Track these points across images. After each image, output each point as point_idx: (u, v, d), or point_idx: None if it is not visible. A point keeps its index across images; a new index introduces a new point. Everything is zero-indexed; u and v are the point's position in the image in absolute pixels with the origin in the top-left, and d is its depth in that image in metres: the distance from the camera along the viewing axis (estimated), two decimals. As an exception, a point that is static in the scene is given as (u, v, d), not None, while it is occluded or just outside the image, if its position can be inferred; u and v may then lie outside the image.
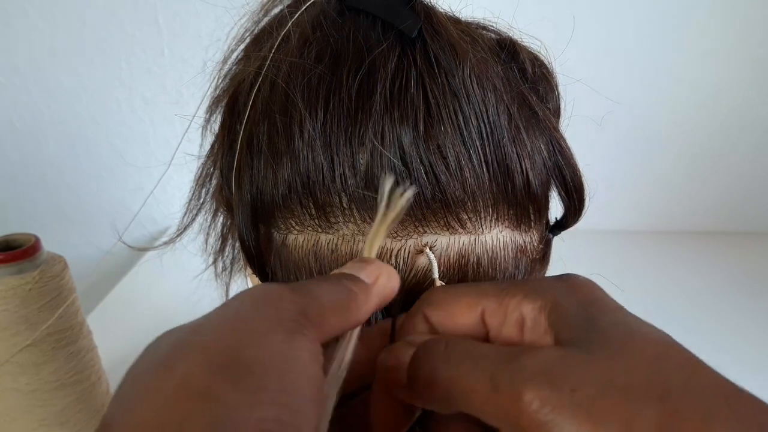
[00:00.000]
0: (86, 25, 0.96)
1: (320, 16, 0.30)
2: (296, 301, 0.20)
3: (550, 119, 0.31)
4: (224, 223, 0.38)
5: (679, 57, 1.01)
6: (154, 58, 0.99)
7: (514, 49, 0.32)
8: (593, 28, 0.95)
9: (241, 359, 0.17)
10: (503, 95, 0.29)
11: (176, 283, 0.74)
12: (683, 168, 1.09)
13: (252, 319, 0.19)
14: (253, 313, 0.19)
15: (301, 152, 0.27)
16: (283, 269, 0.30)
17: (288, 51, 0.29)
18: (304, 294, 0.20)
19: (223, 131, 0.33)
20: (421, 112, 0.26)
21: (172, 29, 0.97)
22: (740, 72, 1.02)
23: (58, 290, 0.55)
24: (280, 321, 0.19)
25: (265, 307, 0.19)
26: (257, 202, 0.29)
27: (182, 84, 0.98)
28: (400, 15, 0.28)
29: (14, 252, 0.53)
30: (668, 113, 1.05)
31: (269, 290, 0.20)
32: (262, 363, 0.17)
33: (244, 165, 0.29)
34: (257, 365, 0.17)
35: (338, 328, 0.21)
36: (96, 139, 1.04)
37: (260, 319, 0.19)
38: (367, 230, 0.28)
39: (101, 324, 0.67)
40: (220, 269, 0.40)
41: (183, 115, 0.37)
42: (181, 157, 0.39)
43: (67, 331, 0.56)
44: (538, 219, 0.30)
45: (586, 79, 0.40)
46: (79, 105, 1.01)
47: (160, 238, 1.09)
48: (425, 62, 0.27)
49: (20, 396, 0.55)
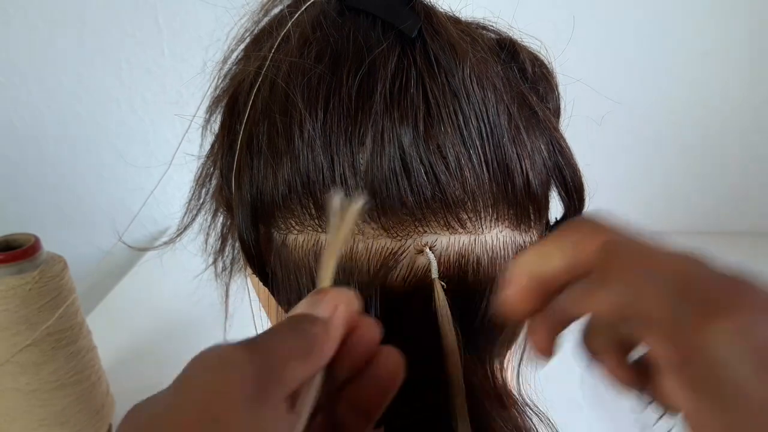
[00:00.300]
0: (86, 25, 0.96)
1: (320, 16, 0.30)
2: (254, 363, 0.19)
3: (550, 119, 0.31)
4: (224, 223, 0.38)
5: (679, 57, 1.01)
6: (154, 58, 0.99)
7: (514, 48, 0.32)
8: (593, 28, 0.95)
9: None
10: (503, 95, 0.29)
11: (176, 283, 0.74)
12: (683, 168, 1.09)
13: (211, 400, 0.18)
14: (212, 393, 0.18)
15: (301, 152, 0.27)
16: (283, 269, 0.30)
17: (288, 51, 0.29)
18: (261, 352, 0.19)
19: (223, 131, 0.32)
20: (421, 112, 0.26)
21: (172, 29, 0.97)
22: (740, 72, 1.02)
23: (58, 290, 0.55)
24: (238, 394, 0.18)
25: (222, 380, 0.18)
26: (257, 202, 0.29)
27: (182, 84, 0.98)
28: (400, 15, 0.28)
29: (14, 252, 0.53)
30: (668, 113, 1.05)
31: (223, 358, 0.19)
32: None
33: (244, 165, 0.29)
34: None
35: (306, 374, 0.21)
36: (96, 139, 1.04)
37: (219, 398, 0.18)
38: (367, 230, 0.28)
39: (101, 324, 0.67)
40: (220, 269, 0.40)
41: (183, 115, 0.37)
42: (181, 157, 0.39)
43: (67, 331, 0.56)
44: (538, 219, 0.30)
45: (586, 79, 0.40)
46: (79, 105, 1.01)
47: (160, 238, 1.09)
48: (425, 62, 0.27)
49: (20, 396, 0.55)
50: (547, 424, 0.31)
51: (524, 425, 0.29)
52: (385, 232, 0.28)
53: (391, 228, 0.27)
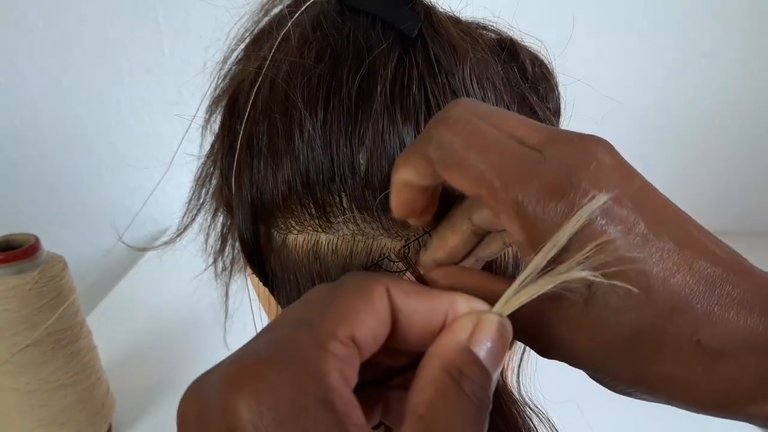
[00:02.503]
0: (86, 25, 0.96)
1: (320, 15, 0.30)
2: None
3: (550, 119, 0.31)
4: (224, 223, 0.38)
5: (679, 57, 1.01)
6: (154, 58, 0.99)
7: (514, 48, 0.32)
8: (593, 28, 0.95)
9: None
10: (503, 95, 0.29)
11: (176, 283, 0.74)
12: (683, 168, 1.09)
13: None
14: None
15: (301, 152, 0.27)
16: (282, 269, 0.30)
17: (288, 51, 0.29)
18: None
19: (223, 131, 0.32)
20: (421, 112, 0.26)
21: (172, 29, 0.97)
22: (740, 72, 1.02)
23: (58, 290, 0.55)
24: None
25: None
26: (257, 201, 0.29)
27: (182, 84, 0.98)
28: (400, 15, 0.28)
29: (14, 252, 0.53)
30: (668, 113, 1.05)
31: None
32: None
33: (244, 165, 0.29)
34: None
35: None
36: (96, 139, 1.04)
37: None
38: (367, 230, 0.28)
39: (101, 324, 0.67)
40: (220, 269, 0.40)
41: (183, 115, 0.37)
42: (181, 157, 0.39)
43: (67, 331, 0.56)
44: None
45: (586, 79, 0.40)
46: (79, 105, 1.01)
47: (160, 238, 1.09)
48: (425, 62, 0.27)
49: (20, 396, 0.55)
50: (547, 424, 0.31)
51: (524, 425, 0.29)
52: (385, 232, 0.28)
53: (391, 228, 0.27)
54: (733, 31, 0.99)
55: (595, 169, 0.20)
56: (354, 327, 0.19)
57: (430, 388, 0.18)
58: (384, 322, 0.20)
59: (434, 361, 0.19)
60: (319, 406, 0.17)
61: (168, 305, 0.88)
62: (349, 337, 0.19)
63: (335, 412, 0.17)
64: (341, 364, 0.18)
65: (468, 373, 0.19)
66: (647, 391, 0.21)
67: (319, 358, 0.18)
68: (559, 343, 0.21)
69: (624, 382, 0.22)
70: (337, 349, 0.18)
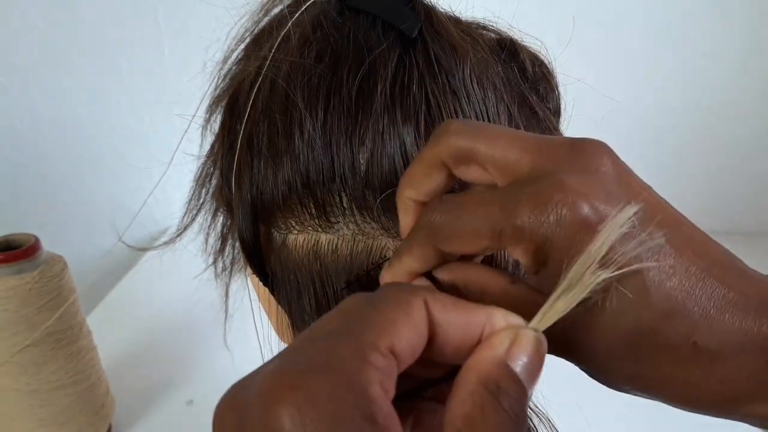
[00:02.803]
0: (86, 25, 0.96)
1: (320, 15, 0.30)
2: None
3: (550, 119, 0.31)
4: (224, 223, 0.38)
5: (679, 57, 1.01)
6: (154, 58, 0.99)
7: (514, 48, 0.32)
8: (593, 28, 0.95)
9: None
10: (503, 95, 0.29)
11: (176, 283, 0.74)
12: (683, 168, 1.09)
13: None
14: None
15: (301, 152, 0.27)
16: (283, 269, 0.30)
17: (288, 51, 0.29)
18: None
19: (223, 131, 0.32)
20: (421, 112, 0.26)
21: (172, 29, 0.97)
22: (740, 72, 1.02)
23: (58, 290, 0.55)
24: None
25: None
26: (257, 201, 0.29)
27: (182, 84, 0.98)
28: (400, 15, 0.28)
29: (14, 252, 0.53)
30: (668, 113, 1.05)
31: None
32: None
33: (244, 165, 0.29)
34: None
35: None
36: (96, 139, 1.04)
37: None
38: (367, 230, 0.28)
39: (101, 324, 0.67)
40: (220, 269, 0.40)
41: (183, 115, 0.37)
42: (181, 157, 0.39)
43: (67, 331, 0.56)
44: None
45: (586, 79, 0.40)
46: (79, 105, 1.01)
47: (160, 238, 1.09)
48: (426, 62, 0.27)
49: (20, 396, 0.55)
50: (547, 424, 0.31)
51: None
52: (385, 232, 0.28)
53: (391, 228, 0.27)
54: (733, 31, 0.99)
55: (582, 173, 0.20)
56: (394, 339, 0.19)
57: (468, 402, 0.18)
58: (422, 334, 0.20)
59: (472, 375, 0.19)
60: (361, 419, 0.17)
61: (168, 305, 0.88)
62: (389, 348, 0.19)
63: (377, 425, 0.17)
64: (382, 377, 0.18)
65: (505, 388, 0.19)
66: (645, 390, 0.22)
67: (360, 369, 0.17)
68: (559, 344, 0.21)
69: (622, 381, 0.22)
70: (378, 361, 0.18)
